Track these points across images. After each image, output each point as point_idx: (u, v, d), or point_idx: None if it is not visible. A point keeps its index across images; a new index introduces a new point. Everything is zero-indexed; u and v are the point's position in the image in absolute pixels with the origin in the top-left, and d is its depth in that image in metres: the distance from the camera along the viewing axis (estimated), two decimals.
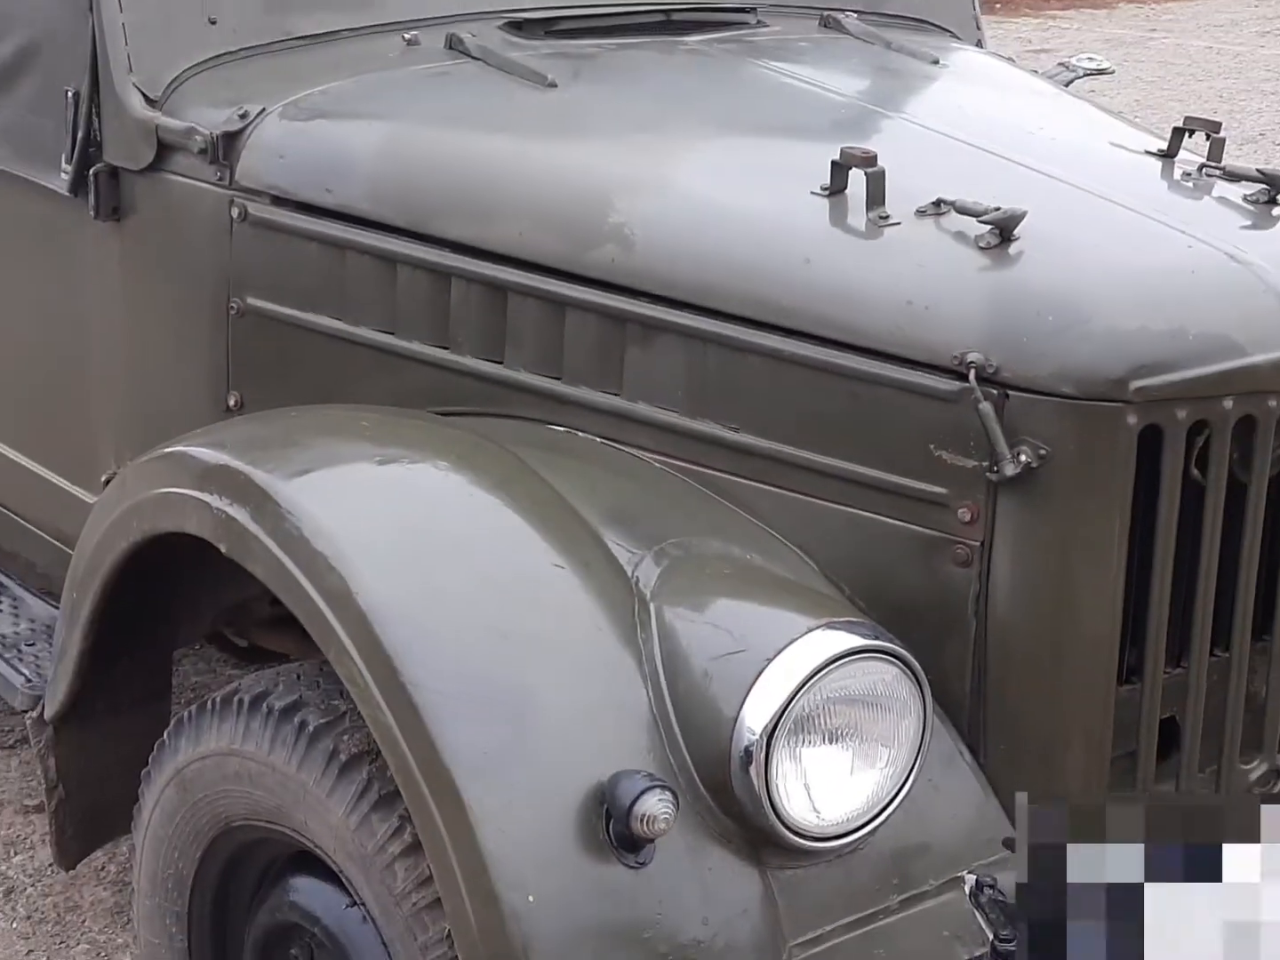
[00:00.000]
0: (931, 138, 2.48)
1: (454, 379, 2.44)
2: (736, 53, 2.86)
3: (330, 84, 2.67)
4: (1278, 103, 10.35)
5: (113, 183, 2.71)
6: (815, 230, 2.21)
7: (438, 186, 2.50)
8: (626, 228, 2.30)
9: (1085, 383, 1.97)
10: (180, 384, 2.75)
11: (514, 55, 2.72)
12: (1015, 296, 2.04)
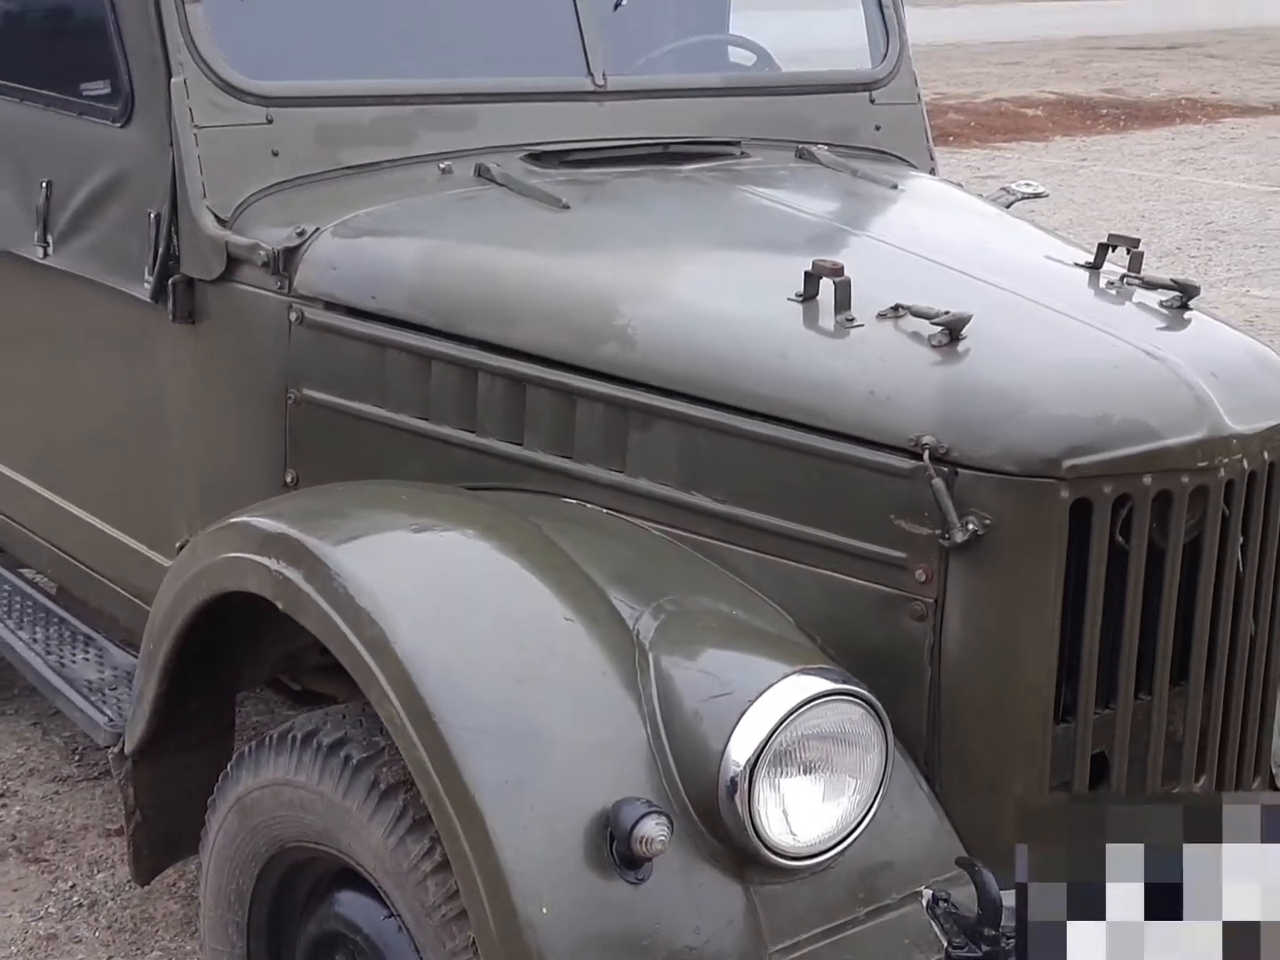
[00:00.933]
0: (891, 252, 2.49)
1: (480, 458, 2.44)
2: (724, 180, 2.87)
3: (375, 207, 2.68)
4: (1192, 221, 10.40)
5: (188, 291, 2.73)
6: (791, 331, 2.22)
7: (467, 293, 2.50)
8: (629, 329, 2.31)
9: (1024, 462, 1.97)
10: (244, 463, 2.76)
11: (533, 182, 2.73)
12: (963, 387, 2.04)
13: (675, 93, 3.07)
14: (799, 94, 3.23)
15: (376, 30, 2.97)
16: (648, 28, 3.19)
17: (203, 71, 2.63)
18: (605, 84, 2.95)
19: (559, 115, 2.92)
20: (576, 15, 2.94)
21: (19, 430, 3.38)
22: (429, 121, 2.83)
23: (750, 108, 3.14)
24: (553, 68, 2.97)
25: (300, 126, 2.72)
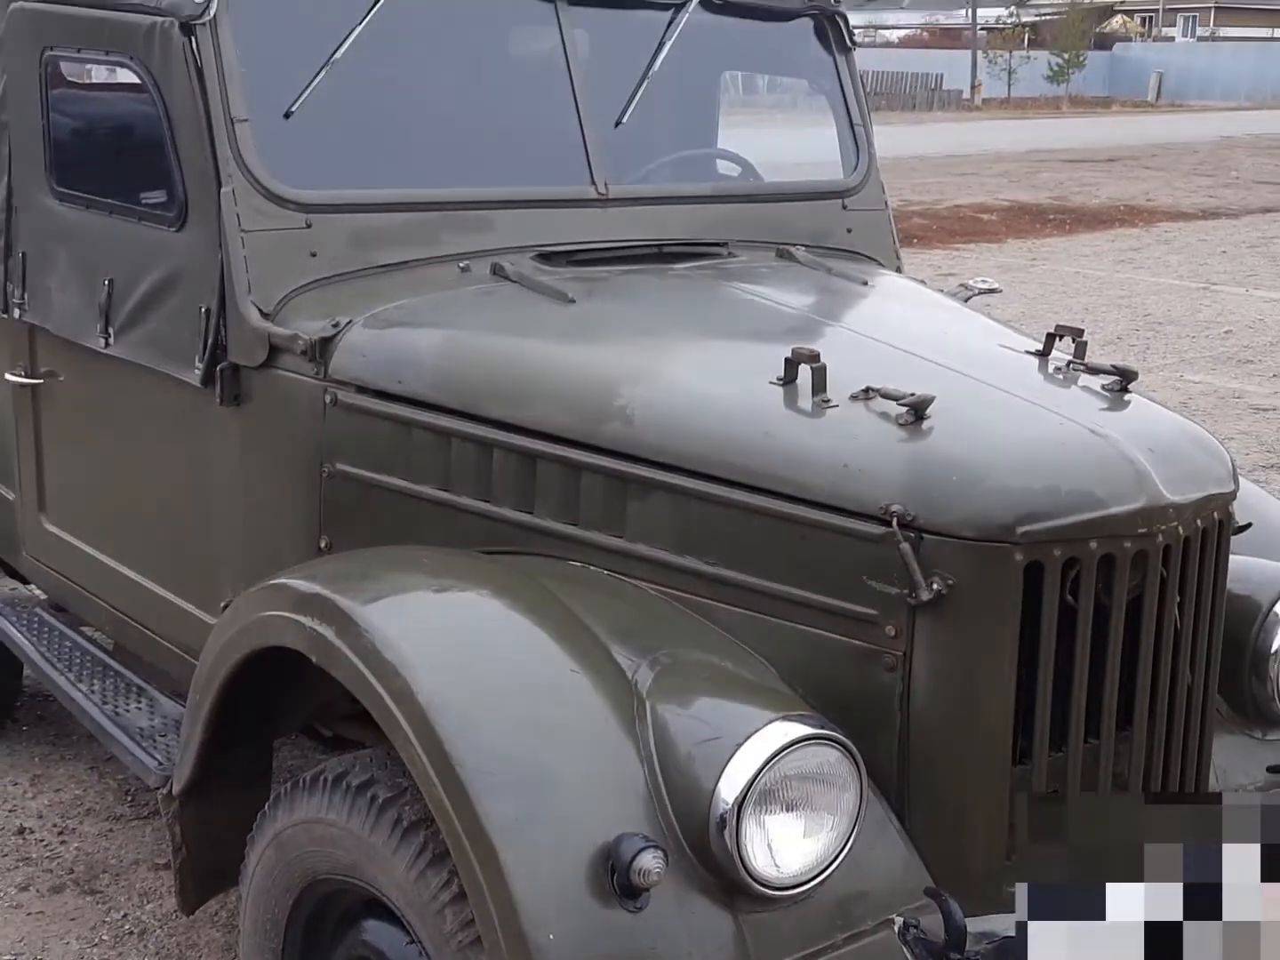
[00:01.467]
0: (862, 341, 2.50)
1: (495, 526, 2.44)
2: (713, 277, 2.88)
3: (401, 301, 2.69)
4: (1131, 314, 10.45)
5: (234, 377, 2.73)
6: (773, 411, 2.21)
7: (483, 378, 2.51)
8: (629, 409, 2.31)
9: (982, 528, 1.97)
10: (283, 530, 2.75)
11: (543, 279, 2.74)
12: (927, 461, 2.04)
13: (670, 200, 3.09)
14: (779, 201, 3.26)
15: (403, 145, 3.00)
16: (645, 142, 3.21)
17: (249, 182, 2.66)
18: (607, 192, 2.97)
19: (566, 220, 2.94)
20: (582, 131, 2.97)
21: (82, 501, 3.38)
22: (450, 225, 2.85)
23: (736, 213, 3.17)
24: (560, 178, 2.99)
25: (336, 230, 2.73)
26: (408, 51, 2.93)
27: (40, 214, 3.22)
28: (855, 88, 3.41)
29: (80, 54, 3.08)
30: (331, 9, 2.80)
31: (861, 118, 3.40)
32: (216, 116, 2.66)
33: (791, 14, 3.36)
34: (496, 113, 3.10)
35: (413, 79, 2.98)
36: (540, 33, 3.04)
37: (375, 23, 2.79)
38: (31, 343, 3.36)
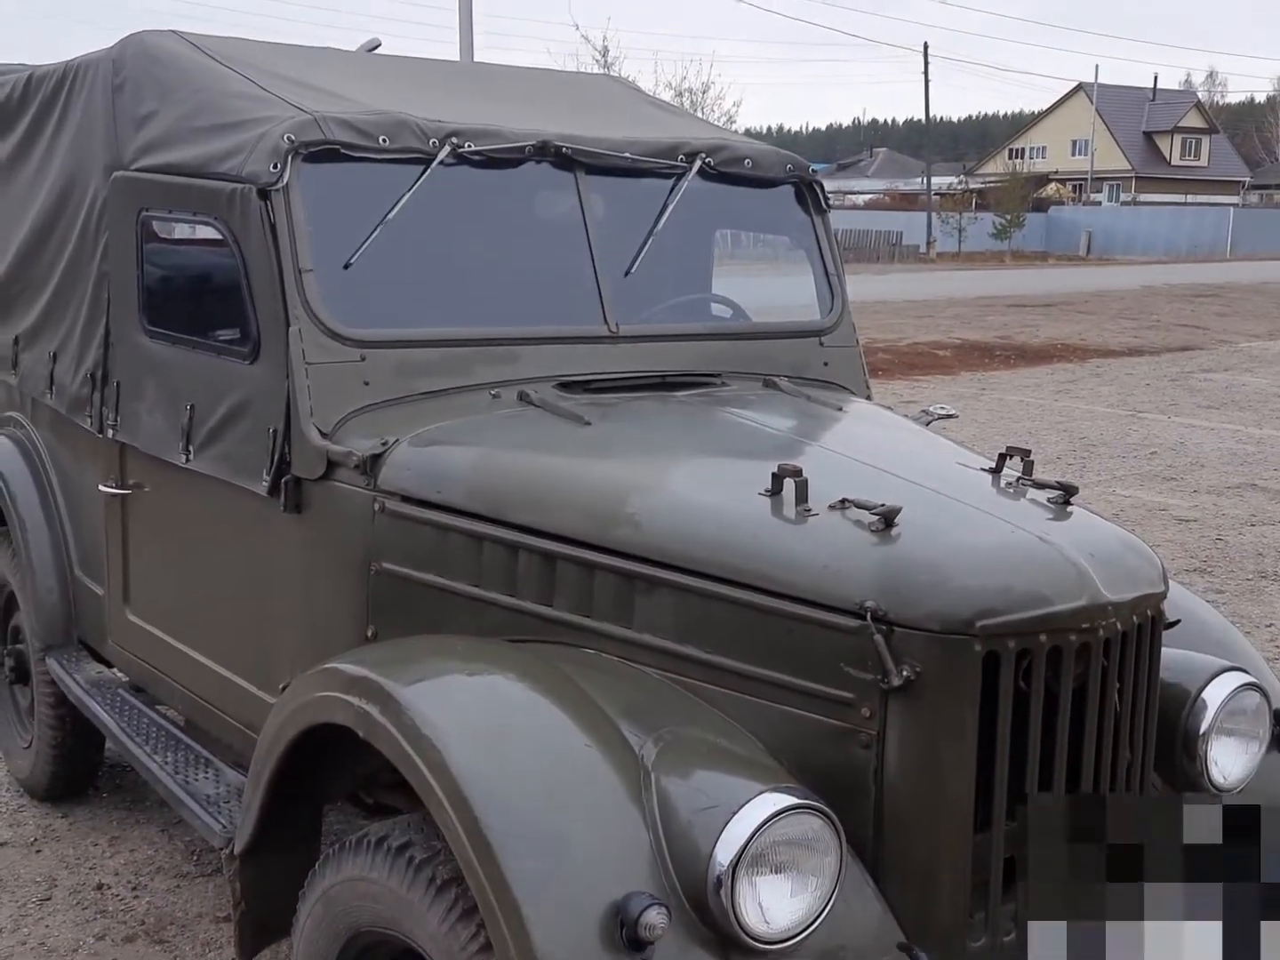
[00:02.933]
0: (839, 459, 2.50)
1: (520, 617, 2.42)
2: (709, 403, 2.89)
3: (441, 422, 2.70)
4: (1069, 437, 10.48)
5: (296, 488, 2.73)
6: (761, 518, 2.20)
7: (512, 488, 2.50)
8: (637, 516, 2.31)
9: (946, 622, 1.95)
10: (335, 621, 2.73)
11: (563, 404, 2.76)
12: (897, 563, 2.02)
13: (671, 337, 3.11)
14: (765, 338, 3.28)
15: (443, 290, 3.04)
16: (650, 288, 3.23)
17: (313, 322, 2.68)
18: (618, 330, 2.99)
19: (582, 354, 2.96)
20: (596, 279, 3.00)
21: (160, 596, 3.37)
22: (483, 358, 2.87)
23: (728, 349, 3.19)
24: (578, 318, 3.01)
25: (385, 363, 2.75)
26: (448, 212, 2.98)
27: (133, 349, 3.25)
28: (830, 243, 3.46)
29: (171, 214, 3.14)
30: (385, 179, 2.85)
31: (835, 268, 3.44)
32: (287, 267, 2.70)
33: (775, 182, 3.41)
34: (523, 262, 3.14)
35: (452, 235, 3.02)
36: (562, 196, 3.10)
37: (421, 190, 2.84)
38: (122, 459, 3.38)
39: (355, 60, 3.74)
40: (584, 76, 5.08)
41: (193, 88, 3.09)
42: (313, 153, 2.76)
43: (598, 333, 2.98)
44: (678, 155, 3.20)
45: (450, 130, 2.91)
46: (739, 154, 3.30)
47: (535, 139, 3.00)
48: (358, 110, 2.89)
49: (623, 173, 3.13)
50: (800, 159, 3.45)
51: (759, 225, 3.83)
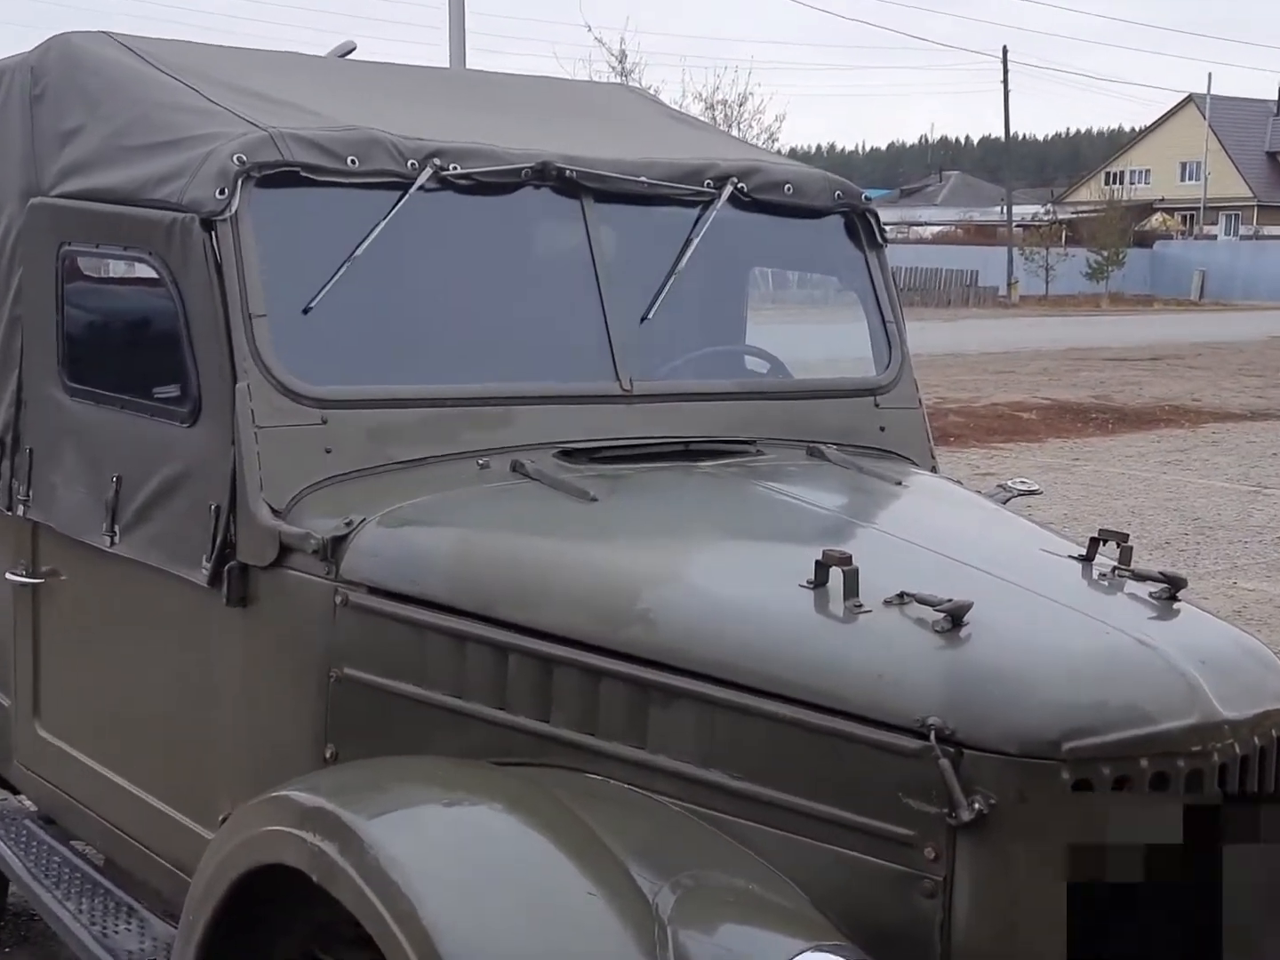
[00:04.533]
0: (896, 543, 2.50)
1: (510, 735, 2.41)
2: (741, 476, 2.90)
3: (418, 498, 2.71)
4: (1179, 517, 10.46)
5: (242, 577, 2.74)
6: (803, 616, 2.20)
7: (500, 579, 2.51)
8: (651, 613, 2.31)
9: (1026, 744, 1.94)
10: (287, 738, 2.73)
11: (564, 476, 2.76)
12: (967, 671, 2.02)
13: (696, 396, 3.13)
14: (809, 398, 3.29)
15: (423, 340, 3.06)
16: (671, 338, 3.27)
17: (264, 378, 2.70)
18: (632, 388, 3.01)
19: (589, 416, 2.98)
20: (606, 327, 3.03)
21: (78, 707, 3.37)
22: (470, 421, 2.89)
23: (765, 410, 3.20)
24: (584, 373, 3.04)
25: (352, 427, 2.77)
26: (430, 247, 3.01)
27: (50, 409, 3.28)
28: (887, 284, 3.48)
29: (98, 249, 3.17)
30: (354, 206, 2.88)
31: (893, 314, 3.46)
32: (235, 312, 2.72)
33: (821, 211, 3.45)
34: (519, 308, 3.17)
35: (434, 274, 3.06)
36: (566, 228, 3.13)
37: (398, 219, 2.87)
38: (34, 541, 3.39)
39: (323, 67, 3.79)
40: (594, 86, 5.16)
41: (126, 99, 3.11)
42: (268, 176, 2.79)
43: (608, 391, 3.00)
44: (704, 179, 3.24)
45: (433, 149, 2.95)
46: (778, 178, 3.34)
47: (534, 160, 3.03)
48: (323, 126, 2.93)
49: (639, 200, 3.17)
50: (851, 185, 3.50)
51: (802, 263, 3.87)
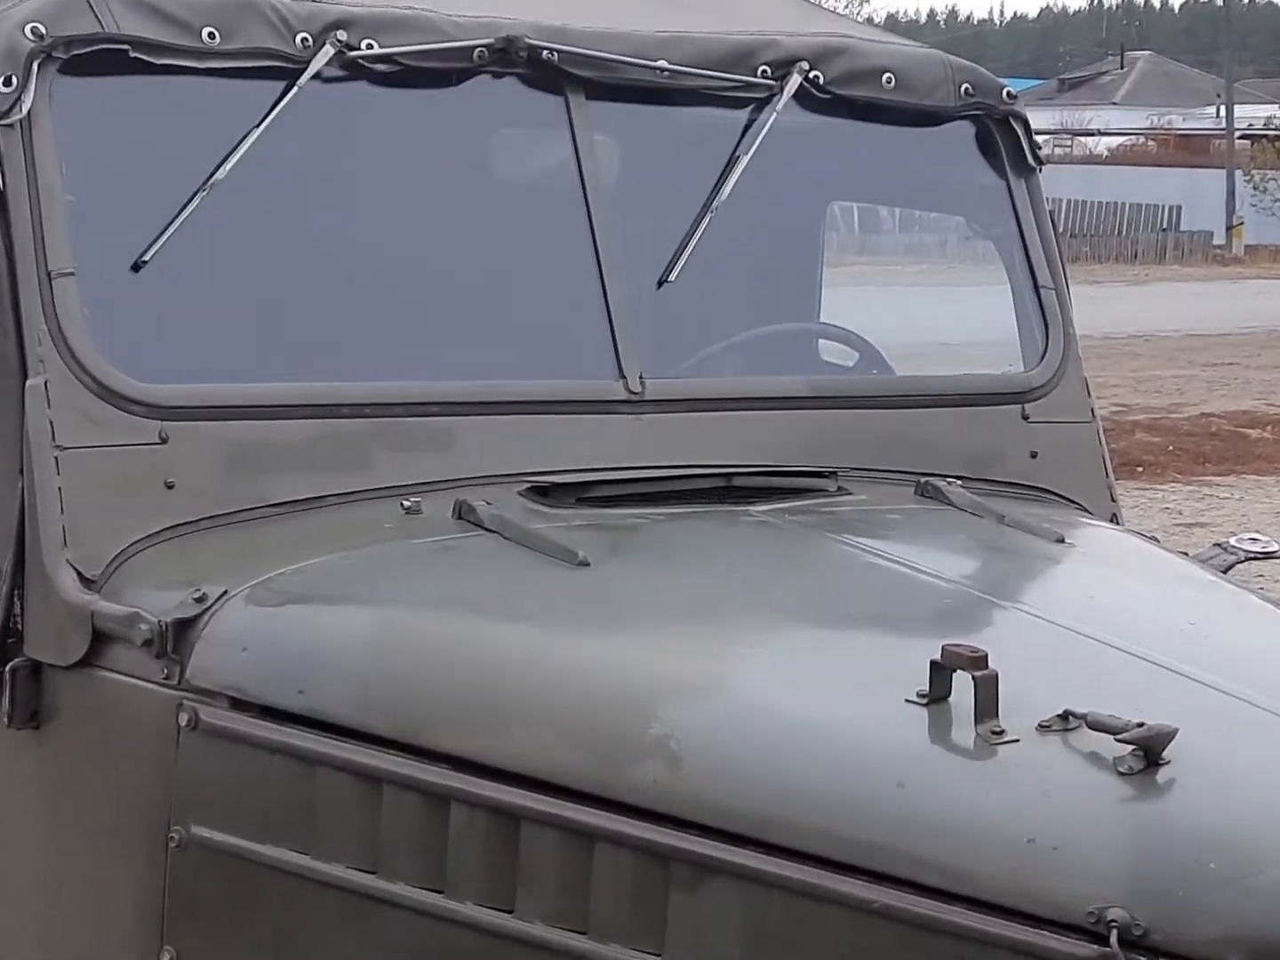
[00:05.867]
0: (1055, 634, 2.50)
1: (449, 931, 2.41)
2: (813, 526, 2.91)
3: (310, 561, 2.73)
4: None
5: (33, 682, 2.74)
6: (910, 748, 2.22)
7: (440, 688, 2.51)
8: (673, 741, 2.30)
9: (1261, 949, 1.94)
10: (101, 933, 2.73)
11: (537, 527, 2.77)
12: (1166, 836, 2.03)
13: (742, 403, 3.14)
14: (920, 406, 3.31)
15: (318, 315, 3.09)
16: (704, 312, 3.29)
17: (72, 371, 2.72)
18: (643, 390, 3.03)
19: (576, 433, 3.00)
20: (604, 295, 3.04)
21: None
22: (389, 440, 2.91)
23: (850, 425, 3.22)
24: (569, 367, 3.07)
25: (207, 448, 2.79)
26: (330, 169, 3.05)
27: None
28: (1041, 228, 3.50)
29: None
30: (213, 105, 2.91)
31: (1051, 274, 3.48)
32: (25, 268, 2.74)
33: (939, 115, 3.48)
34: (468, 266, 3.19)
35: (337, 211, 3.08)
36: (542, 142, 3.18)
37: (281, 125, 2.89)
38: None
39: None
40: None
41: None
42: (80, 58, 2.81)
43: (605, 394, 3.03)
44: (758, 65, 3.26)
45: (335, 19, 2.98)
46: (871, 64, 3.37)
47: (493, 34, 3.05)
48: None
49: (655, 98, 3.19)
50: (984, 73, 3.52)
51: (909, 196, 3.91)
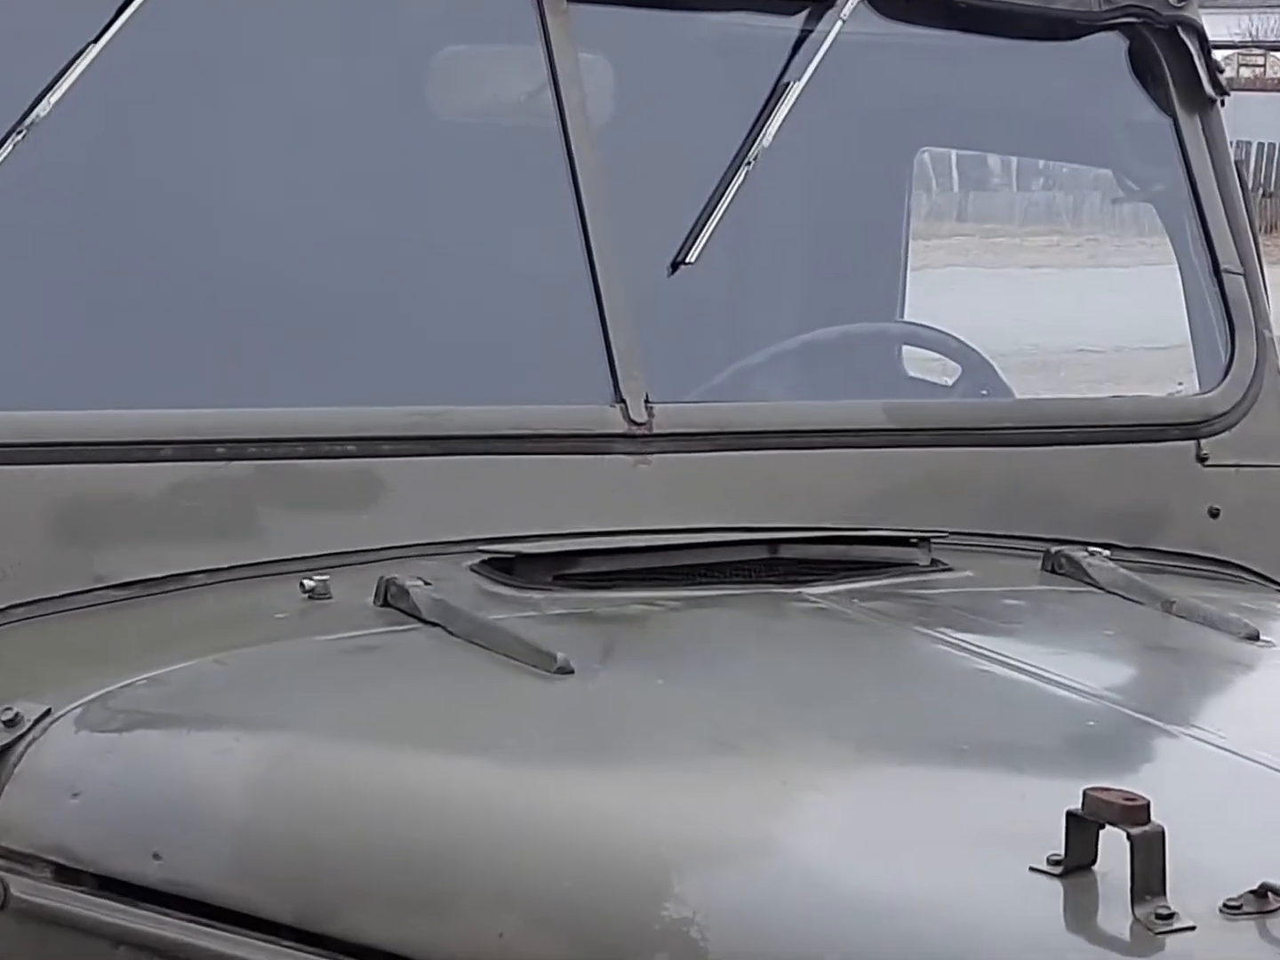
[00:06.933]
0: (1246, 772, 2.53)
1: None
2: (895, 616, 2.94)
3: (170, 667, 2.76)
4: None
5: None
6: (1039, 939, 2.26)
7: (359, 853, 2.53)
8: (693, 928, 2.33)
9: None
10: None
11: (498, 617, 2.80)
12: None
13: (791, 439, 3.19)
14: (1050, 443, 3.36)
15: (181, 314, 3.14)
16: (736, 310, 3.32)
17: None
18: (650, 420, 3.08)
19: (554, 481, 3.06)
20: (594, 285, 3.09)
21: None
22: (283, 491, 2.97)
23: (950, 470, 3.28)
24: (544, 387, 3.14)
25: (21, 505, 2.84)
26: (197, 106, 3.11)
27: None
28: (1224, 185, 3.56)
29: None
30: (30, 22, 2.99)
31: (1239, 253, 3.54)
32: None
33: (1077, 25, 3.54)
34: (398, 240, 3.25)
35: (205, 166, 3.14)
36: (506, 63, 3.24)
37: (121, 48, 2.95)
38: None
39: None
40: None
41: None
42: None
43: (596, 424, 3.09)
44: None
45: None
46: None
47: None
48: None
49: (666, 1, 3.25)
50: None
51: (1032, 140, 3.99)
